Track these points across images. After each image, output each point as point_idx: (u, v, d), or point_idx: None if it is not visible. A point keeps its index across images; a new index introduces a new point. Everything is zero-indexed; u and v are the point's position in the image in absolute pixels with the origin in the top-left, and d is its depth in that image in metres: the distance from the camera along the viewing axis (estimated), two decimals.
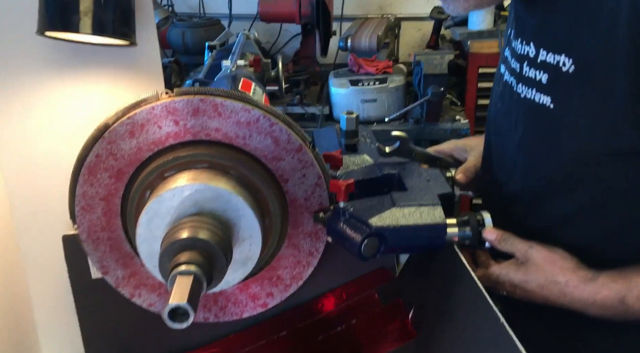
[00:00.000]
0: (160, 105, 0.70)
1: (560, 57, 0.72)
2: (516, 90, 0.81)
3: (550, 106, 0.74)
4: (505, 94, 0.86)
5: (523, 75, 0.79)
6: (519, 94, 0.80)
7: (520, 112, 0.80)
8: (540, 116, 0.75)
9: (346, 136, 0.89)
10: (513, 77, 0.83)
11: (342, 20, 2.58)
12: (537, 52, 0.76)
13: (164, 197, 0.67)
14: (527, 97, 0.78)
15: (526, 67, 0.78)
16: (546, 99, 0.74)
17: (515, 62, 0.82)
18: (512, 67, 0.83)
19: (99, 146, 0.70)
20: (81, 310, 0.86)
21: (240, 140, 0.72)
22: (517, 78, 0.81)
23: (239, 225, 0.69)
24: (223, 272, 0.65)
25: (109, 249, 0.75)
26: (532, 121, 0.78)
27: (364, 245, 0.69)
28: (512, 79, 0.83)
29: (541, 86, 0.75)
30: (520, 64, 0.80)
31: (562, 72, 0.71)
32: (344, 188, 0.70)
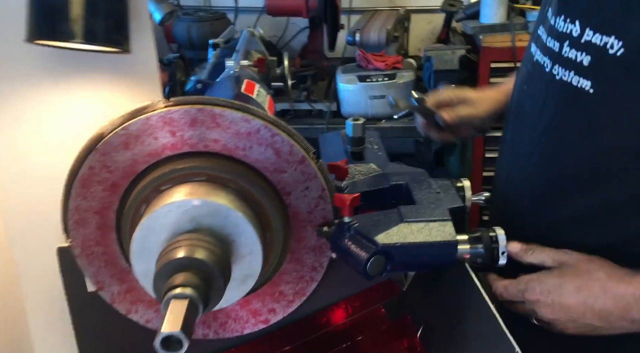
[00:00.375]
0: (156, 116, 0.66)
1: (608, 38, 0.67)
2: (550, 71, 0.76)
3: (590, 91, 0.69)
4: (535, 76, 0.81)
5: (562, 56, 0.74)
6: (554, 76, 0.75)
7: (552, 95, 0.76)
8: (576, 101, 0.71)
9: (352, 143, 0.85)
10: (547, 57, 0.78)
11: (350, 13, 2.53)
12: (582, 31, 0.70)
13: (159, 213, 0.63)
14: (563, 79, 0.73)
15: (567, 47, 0.73)
16: (586, 83, 0.70)
17: (553, 41, 0.77)
18: (549, 46, 0.78)
19: (92, 158, 0.67)
20: (77, 324, 0.83)
21: (240, 152, 0.68)
22: (553, 58, 0.76)
23: (239, 242, 0.66)
24: (221, 293, 0.62)
25: (104, 264, 0.72)
26: (566, 106, 0.73)
27: (369, 263, 0.65)
28: (546, 59, 0.78)
29: (581, 68, 0.70)
30: (560, 43, 0.75)
31: (608, 55, 0.67)
32: (349, 202, 0.67)
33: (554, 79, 0.75)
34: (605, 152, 0.69)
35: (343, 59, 2.31)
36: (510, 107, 0.91)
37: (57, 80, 0.77)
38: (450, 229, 0.67)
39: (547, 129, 0.77)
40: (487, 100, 1.01)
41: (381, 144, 0.91)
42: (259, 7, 2.46)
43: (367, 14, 2.42)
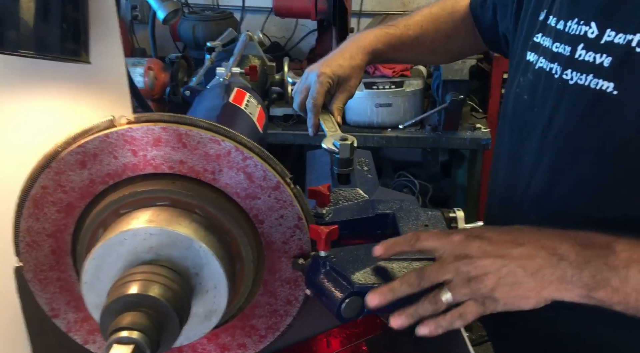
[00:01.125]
0: (115, 133, 0.60)
1: (634, 36, 0.64)
2: (560, 77, 0.73)
3: (613, 93, 0.66)
4: (539, 84, 0.77)
5: (575, 59, 0.71)
6: (566, 81, 0.72)
7: (566, 101, 0.72)
8: (596, 104, 0.68)
9: (339, 164, 0.78)
10: (556, 63, 0.74)
11: (360, 16, 2.46)
12: (602, 32, 0.68)
13: (113, 241, 0.58)
14: (578, 83, 0.70)
15: (581, 50, 0.70)
16: (608, 85, 0.66)
17: (563, 45, 0.74)
18: (557, 52, 0.74)
19: (46, 177, 0.61)
20: (37, 347, 0.78)
21: (208, 175, 0.62)
22: (564, 63, 0.73)
23: (202, 275, 0.60)
24: (175, 335, 0.56)
25: (58, 290, 0.67)
26: (583, 111, 0.70)
27: (344, 304, 0.59)
28: (554, 66, 0.74)
29: (601, 70, 0.67)
30: (572, 46, 0.72)
31: (634, 53, 0.64)
32: (325, 235, 0.60)
33: (567, 84, 0.72)
34: (630, 155, 0.65)
35: None
36: (505, 119, 0.87)
37: (13, 87, 0.71)
38: None
39: (559, 136, 0.73)
40: (357, 71, 1.01)
41: (372, 165, 0.85)
42: (267, 7, 2.40)
43: (378, 17, 2.36)
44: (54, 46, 0.60)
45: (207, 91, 1.08)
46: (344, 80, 1.00)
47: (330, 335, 0.78)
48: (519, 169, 0.80)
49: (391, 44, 1.06)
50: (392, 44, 1.06)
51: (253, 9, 2.50)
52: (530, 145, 0.78)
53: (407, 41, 1.07)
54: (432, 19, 1.08)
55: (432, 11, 1.09)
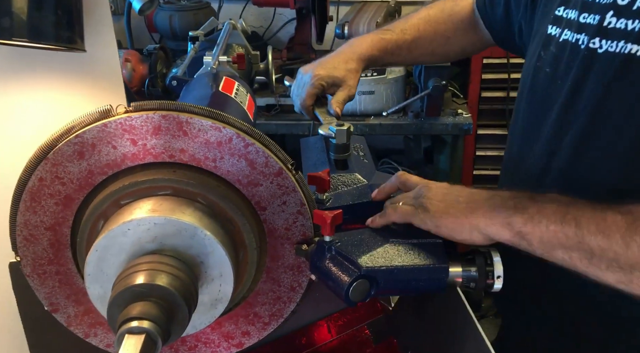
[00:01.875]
0: (114, 122, 0.59)
1: None
2: (587, 46, 0.73)
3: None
4: (563, 56, 0.77)
5: (605, 28, 0.71)
6: (594, 50, 0.72)
7: (595, 70, 0.72)
8: (625, 69, 0.68)
9: (336, 150, 0.78)
10: (583, 33, 0.74)
11: (339, 4, 2.45)
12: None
13: (116, 232, 0.57)
14: (609, 51, 0.70)
15: (611, 18, 0.70)
16: (638, 48, 0.66)
17: (591, 15, 0.73)
18: (583, 22, 0.74)
19: (43, 169, 0.60)
20: (33, 344, 0.77)
21: (209, 163, 0.62)
22: (592, 32, 0.73)
23: (207, 263, 0.59)
24: (185, 324, 0.55)
25: (58, 284, 0.66)
26: (615, 78, 0.69)
27: (352, 288, 0.59)
28: (581, 36, 0.74)
29: (635, 35, 0.67)
30: (601, 15, 0.72)
31: None
32: (330, 220, 0.60)
33: (595, 53, 0.71)
34: None
35: (332, 51, 2.23)
36: (522, 95, 0.87)
37: (5, 78, 0.69)
38: (441, 251, 0.61)
39: (587, 106, 0.73)
40: (353, 74, 1.02)
41: (367, 150, 0.85)
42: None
43: (356, 5, 2.35)
44: (49, 34, 0.59)
45: (195, 80, 1.06)
46: (341, 80, 1.00)
47: (331, 320, 0.79)
48: (539, 143, 0.80)
49: (387, 49, 1.07)
50: (388, 50, 1.07)
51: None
52: (551, 117, 0.78)
53: (404, 45, 1.08)
54: (430, 21, 1.08)
55: (430, 13, 1.09)
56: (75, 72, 0.72)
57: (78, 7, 0.61)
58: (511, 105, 2.16)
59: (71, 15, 0.60)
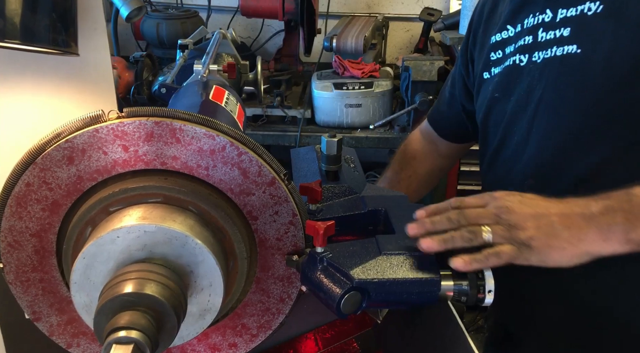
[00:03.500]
0: (106, 128, 0.58)
1: (583, 5, 0.76)
2: (529, 60, 0.84)
3: (578, 51, 0.76)
4: (507, 78, 0.88)
5: (539, 42, 0.82)
6: (535, 61, 0.83)
7: (538, 76, 0.82)
8: (566, 65, 0.78)
9: (327, 161, 0.78)
10: (521, 55, 0.85)
11: (327, 17, 2.46)
12: (554, 14, 0.81)
13: (105, 239, 0.55)
14: (546, 57, 0.81)
15: (542, 33, 0.82)
16: (571, 48, 0.77)
17: (523, 39, 0.85)
18: (519, 46, 0.86)
19: (30, 173, 0.59)
20: None
21: (202, 171, 0.61)
22: (529, 49, 0.84)
23: (197, 273, 0.58)
24: (173, 334, 0.54)
25: (41, 292, 0.64)
26: (556, 75, 0.79)
27: (344, 300, 0.58)
28: (520, 57, 0.85)
29: (563, 39, 0.79)
30: (533, 35, 0.84)
31: (587, 17, 0.76)
32: (323, 231, 0.60)
33: (536, 63, 0.82)
34: (604, 101, 0.74)
35: (319, 64, 2.24)
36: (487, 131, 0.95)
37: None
38: (434, 264, 0.61)
39: (539, 109, 0.81)
40: None
41: (358, 162, 0.85)
42: (233, 7, 2.38)
43: (345, 19, 2.36)
44: (42, 37, 0.57)
45: (184, 89, 1.05)
46: None
47: (319, 332, 0.78)
48: (510, 151, 0.87)
49: None
50: None
51: (218, 9, 2.47)
52: (515, 128, 0.86)
53: None
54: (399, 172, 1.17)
55: (394, 168, 1.17)
56: (66, 76, 0.71)
57: (72, 10, 0.60)
58: None
59: (65, 18, 0.59)
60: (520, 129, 0.85)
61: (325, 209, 0.71)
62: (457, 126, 1.10)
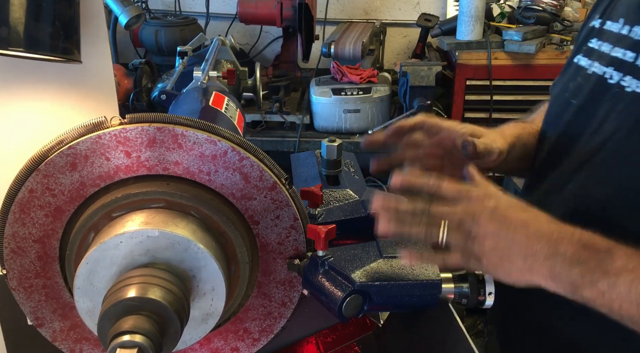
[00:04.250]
0: (108, 134, 0.59)
1: None
2: (618, 83, 0.70)
3: None
4: (587, 88, 0.75)
5: (637, 66, 0.68)
6: (623, 88, 0.69)
7: (620, 108, 0.69)
8: None
9: (327, 166, 0.79)
10: (613, 68, 0.72)
11: (325, 23, 2.48)
12: None
13: (108, 245, 0.56)
14: (636, 91, 0.67)
15: None
16: None
17: (623, 50, 0.71)
18: (614, 56, 0.72)
19: (34, 180, 0.59)
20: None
21: (204, 176, 0.61)
22: (623, 69, 0.70)
23: (199, 277, 0.59)
24: (177, 338, 0.55)
25: (44, 298, 0.64)
26: (636, 119, 0.67)
27: (345, 303, 0.59)
28: (610, 71, 0.72)
29: None
30: (636, 52, 0.69)
31: None
32: (324, 235, 0.60)
33: (624, 90, 0.69)
34: None
35: (317, 70, 2.25)
36: (548, 123, 0.85)
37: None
38: (434, 267, 0.61)
39: (607, 143, 0.70)
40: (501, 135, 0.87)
41: (358, 166, 0.85)
42: (231, 13, 2.39)
43: (343, 25, 2.38)
44: (46, 44, 0.58)
45: (184, 95, 1.06)
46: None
47: (320, 336, 0.78)
48: (555, 175, 0.78)
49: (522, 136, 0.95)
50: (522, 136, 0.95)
51: (216, 16, 2.49)
52: (570, 149, 0.76)
53: None
54: None
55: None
56: (69, 83, 0.72)
57: (75, 18, 0.61)
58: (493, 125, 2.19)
59: (68, 26, 0.60)
60: (575, 155, 0.74)
61: (325, 213, 0.72)
62: None
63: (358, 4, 2.56)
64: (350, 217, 0.71)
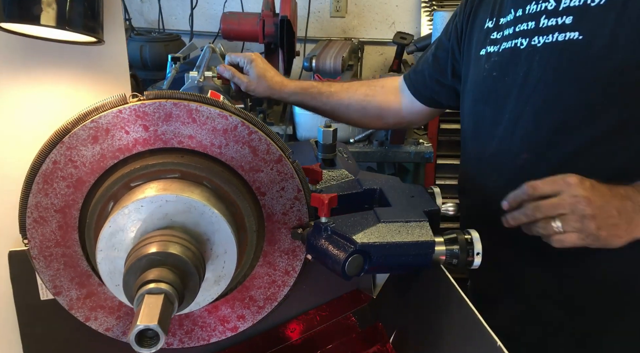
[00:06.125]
0: (128, 109, 0.64)
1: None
2: (529, 44, 0.88)
3: (579, 38, 0.81)
4: (505, 59, 0.92)
5: (540, 28, 0.87)
6: (534, 46, 0.87)
7: (538, 60, 0.86)
8: (567, 49, 0.82)
9: (323, 150, 0.85)
10: (520, 38, 0.90)
11: (305, 41, 2.57)
12: (558, 2, 0.85)
13: (130, 209, 0.60)
14: (547, 41, 0.85)
15: (544, 20, 0.86)
16: (573, 34, 0.81)
17: (524, 24, 0.90)
18: (519, 30, 0.90)
19: (57, 152, 0.63)
20: (26, 336, 0.77)
21: (215, 149, 0.67)
22: (529, 35, 0.88)
23: (213, 240, 0.63)
24: (195, 291, 0.59)
25: (63, 267, 0.68)
26: (556, 56, 0.84)
27: (348, 262, 0.64)
28: (519, 40, 0.90)
29: (565, 27, 0.83)
30: (535, 21, 0.88)
31: (590, 8, 0.81)
32: (327, 202, 0.66)
33: (535, 47, 0.87)
34: (602, 83, 0.80)
35: None
36: (477, 103, 1.00)
37: (17, 72, 0.72)
38: (427, 229, 0.67)
39: (537, 88, 0.86)
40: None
41: (350, 154, 0.91)
42: (214, 31, 2.46)
43: (322, 42, 2.47)
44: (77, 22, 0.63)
45: None
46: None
47: (318, 311, 0.83)
48: (502, 128, 0.92)
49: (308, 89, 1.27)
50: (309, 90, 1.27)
51: (199, 33, 2.55)
52: (508, 106, 0.91)
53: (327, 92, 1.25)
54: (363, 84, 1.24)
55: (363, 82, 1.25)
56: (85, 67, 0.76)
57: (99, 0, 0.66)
58: None
59: (94, 7, 0.65)
60: (515, 106, 0.89)
61: (325, 190, 0.78)
62: (430, 89, 1.15)
63: (336, 23, 2.67)
64: (348, 193, 0.77)
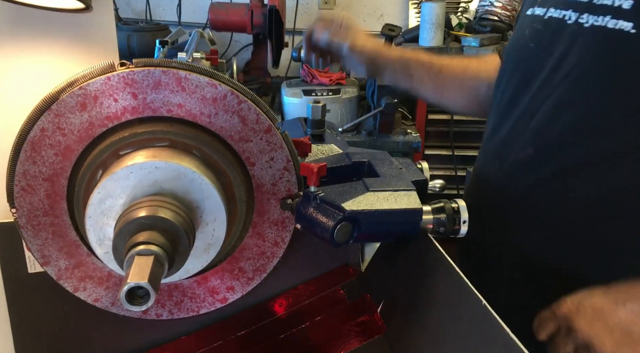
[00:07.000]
0: (117, 76, 0.63)
1: None
2: (576, 21, 0.78)
3: (631, 31, 0.70)
4: (548, 31, 0.82)
5: (592, 4, 0.76)
6: (581, 24, 0.77)
7: (579, 42, 0.77)
8: (612, 43, 0.73)
9: (312, 125, 0.85)
10: (571, 10, 0.79)
11: (294, 33, 2.57)
12: None
13: (119, 175, 0.60)
14: (594, 24, 0.75)
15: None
16: (626, 24, 0.71)
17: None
18: (569, 0, 0.80)
19: (45, 119, 0.63)
20: (13, 308, 0.77)
21: (204, 118, 0.67)
22: (580, 8, 0.78)
23: (203, 208, 0.64)
24: (185, 256, 0.59)
25: (51, 236, 0.68)
26: (597, 49, 0.75)
27: (336, 230, 0.64)
28: (568, 13, 0.79)
29: (620, 12, 0.72)
30: None
31: None
32: (316, 171, 0.66)
33: (582, 27, 0.76)
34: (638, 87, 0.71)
35: (286, 77, 2.33)
36: (505, 72, 0.92)
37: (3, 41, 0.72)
38: (415, 198, 0.68)
39: (569, 75, 0.77)
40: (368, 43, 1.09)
41: (339, 131, 0.92)
42: (201, 22, 2.46)
43: None
44: None
45: None
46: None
47: (309, 284, 0.83)
48: (519, 111, 0.85)
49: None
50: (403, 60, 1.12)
51: (187, 24, 2.54)
52: (533, 86, 0.83)
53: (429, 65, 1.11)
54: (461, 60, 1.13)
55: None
56: (74, 37, 0.76)
57: None
58: (455, 128, 2.31)
59: None
60: (539, 90, 0.81)
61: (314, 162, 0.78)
62: None
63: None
64: (337, 165, 0.78)
